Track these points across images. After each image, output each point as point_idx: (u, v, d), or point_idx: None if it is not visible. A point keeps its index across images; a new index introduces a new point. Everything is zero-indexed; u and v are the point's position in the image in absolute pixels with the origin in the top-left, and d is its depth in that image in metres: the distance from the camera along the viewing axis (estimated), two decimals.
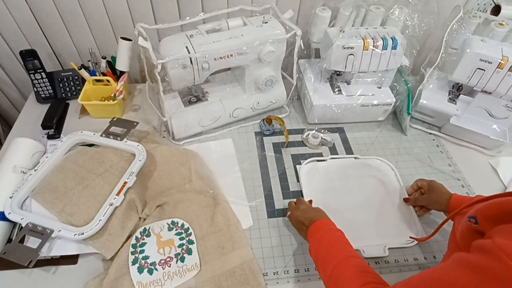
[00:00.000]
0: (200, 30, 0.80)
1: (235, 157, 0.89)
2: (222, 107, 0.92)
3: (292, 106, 1.04)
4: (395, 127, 1.00)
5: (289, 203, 0.74)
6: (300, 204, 0.71)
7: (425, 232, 0.73)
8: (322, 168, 0.86)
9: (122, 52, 0.89)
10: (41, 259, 0.65)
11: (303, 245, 0.72)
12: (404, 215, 0.77)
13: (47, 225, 0.65)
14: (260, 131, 0.96)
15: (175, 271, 0.65)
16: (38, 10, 0.90)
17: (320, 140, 0.92)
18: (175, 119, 0.87)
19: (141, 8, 0.93)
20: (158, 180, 0.80)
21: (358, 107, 0.93)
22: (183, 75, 0.79)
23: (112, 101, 0.91)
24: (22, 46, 0.93)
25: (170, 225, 0.72)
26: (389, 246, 0.70)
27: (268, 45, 0.82)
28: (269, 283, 0.66)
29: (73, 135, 0.83)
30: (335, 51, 0.85)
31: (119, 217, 0.69)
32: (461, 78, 0.87)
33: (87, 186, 0.71)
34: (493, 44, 0.84)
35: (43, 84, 0.96)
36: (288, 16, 0.86)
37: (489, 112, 0.91)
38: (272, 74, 0.90)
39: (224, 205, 0.76)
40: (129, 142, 0.81)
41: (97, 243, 0.66)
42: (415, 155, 0.92)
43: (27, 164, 0.77)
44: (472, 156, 0.93)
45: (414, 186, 0.79)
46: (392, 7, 0.92)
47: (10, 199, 0.69)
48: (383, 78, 0.94)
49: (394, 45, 0.85)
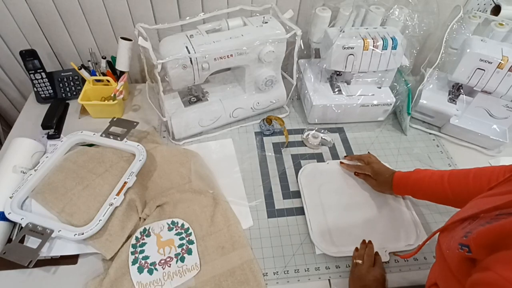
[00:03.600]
0: (200, 30, 0.80)
1: (235, 157, 0.89)
2: (222, 107, 0.92)
3: (292, 106, 1.04)
4: (395, 127, 1.00)
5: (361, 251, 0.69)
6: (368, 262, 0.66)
7: (426, 235, 0.73)
8: (322, 170, 0.86)
9: (122, 52, 0.89)
10: (41, 259, 0.65)
11: (303, 245, 0.72)
12: (405, 219, 0.76)
13: (47, 225, 0.65)
14: (260, 131, 0.96)
15: (175, 271, 0.65)
16: (38, 10, 0.90)
17: (320, 140, 0.92)
18: (175, 119, 0.87)
19: (141, 8, 0.93)
20: (158, 180, 0.80)
21: (358, 107, 0.93)
22: (183, 75, 0.79)
23: (112, 101, 0.91)
24: (22, 46, 0.93)
25: (170, 225, 0.72)
26: (389, 250, 0.70)
27: (268, 45, 0.82)
28: (269, 283, 0.66)
29: (73, 135, 0.83)
30: (335, 51, 0.85)
31: (119, 217, 0.69)
32: (461, 78, 0.87)
33: (87, 186, 0.71)
34: (493, 44, 0.84)
35: (43, 84, 0.96)
36: (288, 16, 0.86)
37: (489, 112, 0.91)
38: (272, 74, 0.90)
39: (224, 205, 0.76)
40: (129, 142, 0.81)
41: (97, 243, 0.66)
42: (415, 155, 0.92)
43: (27, 164, 0.77)
44: (472, 156, 0.93)
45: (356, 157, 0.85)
46: (392, 7, 0.92)
47: (10, 199, 0.69)
48: (383, 78, 0.94)
49: (394, 45, 0.85)
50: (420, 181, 0.70)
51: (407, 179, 0.73)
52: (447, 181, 0.66)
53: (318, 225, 0.74)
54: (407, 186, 0.73)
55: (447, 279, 0.46)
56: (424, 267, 0.69)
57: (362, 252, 0.68)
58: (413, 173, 0.73)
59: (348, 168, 0.84)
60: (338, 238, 0.72)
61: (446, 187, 0.66)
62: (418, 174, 0.72)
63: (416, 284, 0.68)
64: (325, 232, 0.73)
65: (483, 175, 0.62)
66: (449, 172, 0.67)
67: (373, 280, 0.62)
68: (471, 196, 0.54)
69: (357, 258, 0.66)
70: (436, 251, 0.54)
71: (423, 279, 0.68)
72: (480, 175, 0.62)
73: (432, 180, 0.69)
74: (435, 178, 0.68)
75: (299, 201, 0.79)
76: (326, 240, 0.72)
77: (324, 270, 0.68)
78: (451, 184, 0.66)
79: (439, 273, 0.51)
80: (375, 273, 0.63)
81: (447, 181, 0.66)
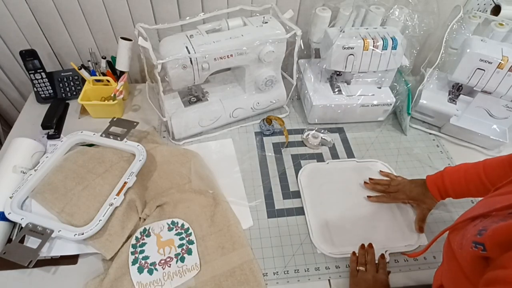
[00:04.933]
0: (200, 30, 0.80)
1: (235, 157, 0.89)
2: (222, 107, 0.92)
3: (292, 106, 1.04)
4: (395, 127, 1.00)
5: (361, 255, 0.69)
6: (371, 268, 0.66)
7: (426, 237, 0.73)
8: (322, 170, 0.86)
9: (122, 52, 0.89)
10: (41, 259, 0.65)
11: (303, 245, 0.72)
12: (405, 219, 0.76)
13: (47, 225, 0.65)
14: (260, 131, 0.96)
15: (175, 271, 0.65)
16: (38, 10, 0.90)
17: (320, 140, 0.92)
18: (175, 119, 0.87)
19: (141, 8, 0.93)
20: (158, 180, 0.80)
21: (358, 107, 0.93)
22: (183, 75, 0.79)
23: (112, 101, 0.91)
24: (22, 46, 0.93)
25: (170, 225, 0.72)
26: (390, 251, 0.70)
27: (268, 45, 0.82)
28: (269, 283, 0.66)
29: (73, 135, 0.83)
30: (335, 51, 0.85)
31: (119, 217, 0.69)
32: (461, 78, 0.87)
33: (87, 186, 0.71)
34: (493, 44, 0.84)
35: (43, 84, 0.96)
36: (288, 16, 0.86)
37: (489, 112, 0.91)
38: (272, 74, 0.90)
39: (224, 205, 0.76)
40: (129, 142, 0.81)
41: (97, 243, 0.66)
42: (415, 155, 0.92)
43: (27, 164, 0.77)
44: (472, 156, 0.93)
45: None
46: (392, 7, 0.92)
47: (10, 199, 0.69)
48: (383, 78, 0.94)
49: (394, 45, 0.85)
50: (457, 184, 0.68)
51: (442, 185, 0.70)
52: (484, 175, 0.64)
53: (318, 225, 0.74)
54: (447, 192, 0.70)
55: (457, 280, 0.46)
56: (424, 267, 0.69)
57: (362, 260, 0.67)
58: (445, 175, 0.70)
59: (380, 200, 0.80)
60: (338, 238, 0.72)
61: (485, 181, 0.64)
62: (451, 176, 0.69)
63: (417, 284, 0.68)
64: (325, 232, 0.73)
65: None
66: (483, 165, 0.65)
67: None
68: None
69: (359, 265, 0.66)
70: (444, 251, 0.53)
71: (424, 279, 0.68)
72: None
73: (468, 179, 0.66)
74: (470, 177, 0.66)
75: (299, 201, 0.79)
76: (326, 240, 0.72)
77: (324, 270, 0.68)
78: (489, 177, 0.63)
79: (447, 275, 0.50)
80: (381, 279, 0.63)
81: (484, 175, 0.64)
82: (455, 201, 0.78)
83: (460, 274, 0.45)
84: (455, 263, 0.46)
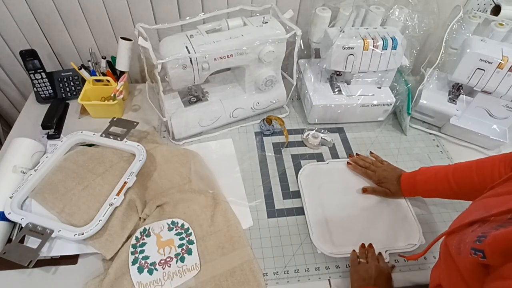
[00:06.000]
0: (200, 30, 0.80)
1: (235, 157, 0.89)
2: (222, 107, 0.92)
3: (292, 106, 1.04)
4: (395, 127, 1.00)
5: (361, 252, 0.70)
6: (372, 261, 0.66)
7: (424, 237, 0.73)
8: (322, 170, 0.86)
9: (122, 52, 0.89)
10: (41, 259, 0.65)
11: (303, 245, 0.72)
12: (406, 218, 0.76)
13: (47, 225, 0.65)
14: (260, 131, 0.96)
15: (175, 271, 0.65)
16: (38, 10, 0.90)
17: (320, 140, 0.92)
18: (175, 119, 0.87)
19: (141, 8, 0.93)
20: (158, 180, 0.80)
21: (358, 107, 0.93)
22: (183, 75, 0.79)
23: (112, 101, 0.91)
24: (22, 46, 0.93)
25: (170, 225, 0.72)
26: (390, 251, 0.70)
27: (268, 45, 0.82)
28: (269, 283, 0.66)
29: (73, 135, 0.83)
30: (335, 51, 0.85)
31: (119, 217, 0.69)
32: (461, 78, 0.87)
33: (87, 186, 0.71)
34: (493, 44, 0.84)
35: (43, 84, 0.96)
36: (288, 16, 0.86)
37: (489, 112, 0.91)
38: (272, 74, 0.90)
39: (224, 205, 0.76)
40: (129, 142, 0.81)
41: (97, 243, 0.66)
42: (415, 155, 0.92)
43: (27, 164, 0.77)
44: (472, 156, 0.92)
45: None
46: (392, 7, 0.92)
47: (10, 199, 0.69)
48: (383, 78, 0.94)
49: (394, 45, 0.85)
50: (427, 182, 0.72)
51: (413, 182, 0.74)
52: (452, 178, 0.67)
53: (318, 225, 0.74)
54: (416, 189, 0.74)
55: (454, 282, 0.46)
56: (424, 267, 0.70)
57: (363, 255, 0.67)
58: (418, 174, 0.74)
59: (355, 169, 0.85)
60: (338, 238, 0.72)
61: (452, 183, 0.67)
62: (423, 174, 0.73)
63: (417, 284, 0.68)
64: (325, 232, 0.73)
65: (485, 168, 0.63)
66: (453, 168, 0.69)
67: (382, 275, 0.63)
68: (477, 188, 0.55)
69: (360, 257, 0.67)
70: (442, 252, 0.53)
71: (424, 279, 0.68)
72: (482, 167, 0.64)
73: (438, 179, 0.70)
74: (440, 177, 0.69)
75: (299, 201, 0.79)
76: (326, 240, 0.72)
77: (324, 270, 0.68)
78: (456, 180, 0.67)
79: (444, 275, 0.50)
80: (383, 267, 0.64)
81: (452, 177, 0.67)
82: (455, 201, 0.78)
83: (458, 277, 0.44)
84: (453, 265, 0.46)
